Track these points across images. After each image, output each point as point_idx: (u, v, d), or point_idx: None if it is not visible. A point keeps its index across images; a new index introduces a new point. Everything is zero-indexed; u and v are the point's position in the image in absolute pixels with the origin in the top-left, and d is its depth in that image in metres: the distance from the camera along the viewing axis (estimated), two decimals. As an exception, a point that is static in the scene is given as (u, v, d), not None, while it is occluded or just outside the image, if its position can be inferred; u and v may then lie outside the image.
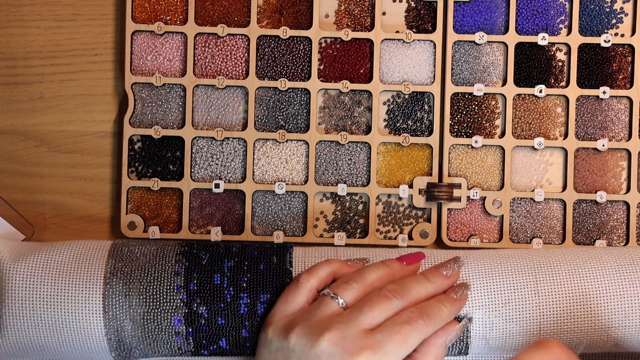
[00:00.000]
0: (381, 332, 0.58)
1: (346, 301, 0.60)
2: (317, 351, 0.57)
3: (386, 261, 0.64)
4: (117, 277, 0.63)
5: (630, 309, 0.63)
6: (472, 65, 0.74)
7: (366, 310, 0.59)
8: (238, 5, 0.74)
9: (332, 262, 0.64)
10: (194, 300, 0.62)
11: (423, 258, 0.65)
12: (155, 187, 0.73)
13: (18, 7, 0.74)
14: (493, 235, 0.74)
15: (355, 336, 0.57)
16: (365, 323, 0.58)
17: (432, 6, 0.74)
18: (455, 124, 0.74)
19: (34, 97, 0.74)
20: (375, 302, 0.59)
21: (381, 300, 0.60)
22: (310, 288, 0.62)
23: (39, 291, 0.62)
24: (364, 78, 0.74)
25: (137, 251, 0.65)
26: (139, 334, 0.62)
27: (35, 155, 0.74)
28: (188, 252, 0.65)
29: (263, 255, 0.65)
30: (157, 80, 0.73)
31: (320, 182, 0.73)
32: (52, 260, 0.63)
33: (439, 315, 0.60)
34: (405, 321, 0.59)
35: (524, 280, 0.63)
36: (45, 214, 0.74)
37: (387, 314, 0.59)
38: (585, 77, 0.74)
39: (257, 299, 0.62)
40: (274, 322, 0.60)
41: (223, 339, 0.63)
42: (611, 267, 0.64)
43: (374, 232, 0.73)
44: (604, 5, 0.74)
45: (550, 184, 0.74)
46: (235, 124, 0.74)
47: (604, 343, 0.64)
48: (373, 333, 0.58)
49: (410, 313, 0.59)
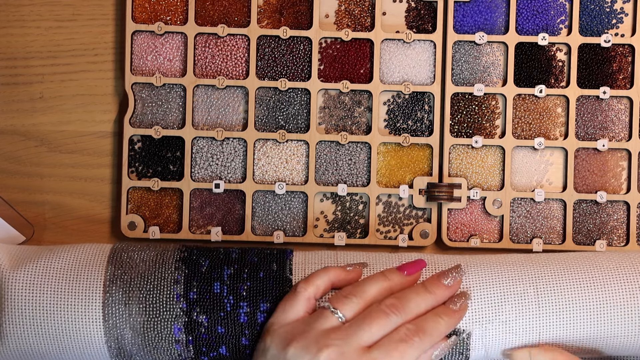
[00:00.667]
0: (379, 349, 0.58)
1: (346, 316, 0.60)
2: None
3: (386, 272, 0.63)
4: (116, 285, 0.62)
5: (631, 318, 0.63)
6: (472, 66, 0.74)
7: (365, 326, 0.59)
8: (238, 5, 0.74)
9: (330, 270, 0.63)
10: (194, 309, 0.62)
11: (424, 267, 0.65)
12: (156, 187, 0.73)
13: (18, 7, 0.74)
14: (493, 236, 0.73)
15: (353, 353, 0.57)
16: (363, 340, 0.58)
17: (432, 6, 0.74)
18: (456, 124, 0.74)
19: (34, 97, 0.74)
20: (374, 318, 0.59)
21: (379, 315, 0.59)
22: (309, 297, 0.62)
23: (39, 299, 0.62)
24: (364, 78, 0.74)
25: (137, 257, 0.64)
26: (139, 342, 0.62)
27: (35, 155, 0.74)
28: (187, 258, 0.64)
29: (263, 262, 0.64)
30: (157, 81, 0.73)
31: (321, 182, 0.73)
32: (52, 267, 0.63)
33: (436, 329, 0.60)
34: (402, 339, 0.59)
35: (524, 289, 0.63)
36: (45, 214, 0.74)
37: (385, 330, 0.59)
38: (586, 77, 0.74)
39: (257, 308, 0.62)
40: (272, 332, 0.60)
41: (223, 346, 0.63)
42: (612, 275, 0.64)
43: (374, 232, 0.73)
44: (604, 5, 0.74)
45: (551, 184, 0.74)
46: (236, 124, 0.74)
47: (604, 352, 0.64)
48: (371, 350, 0.58)
49: (407, 330, 0.59)
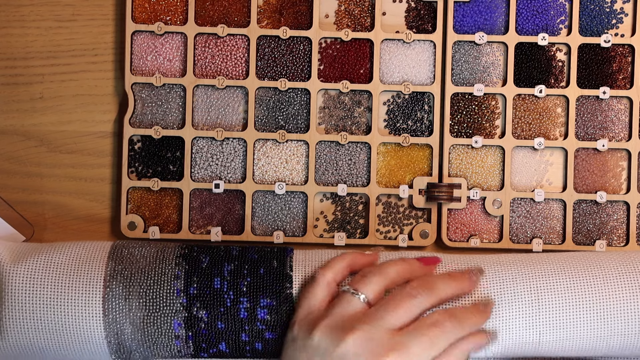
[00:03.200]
0: (408, 333, 0.57)
1: (367, 297, 0.59)
2: (343, 351, 0.56)
3: (404, 258, 0.63)
4: (117, 280, 0.62)
5: (631, 318, 0.62)
6: (472, 66, 0.74)
7: (390, 309, 0.58)
8: (238, 5, 0.74)
9: (347, 255, 0.63)
10: (194, 304, 0.62)
11: (439, 262, 0.64)
12: (155, 188, 0.73)
13: (18, 7, 0.74)
14: (493, 236, 0.73)
15: (381, 337, 0.56)
16: (390, 323, 0.57)
17: (432, 6, 0.74)
18: (455, 124, 0.74)
19: (34, 97, 0.74)
20: (400, 301, 0.58)
21: (406, 298, 0.59)
22: (328, 282, 0.61)
23: (39, 294, 0.62)
24: (364, 78, 0.74)
25: (137, 253, 0.65)
26: (138, 337, 0.62)
27: (35, 155, 0.74)
28: (188, 254, 0.64)
29: (263, 259, 0.64)
30: (157, 81, 0.73)
31: (320, 182, 0.73)
32: (52, 262, 0.63)
33: (467, 319, 0.59)
34: (433, 323, 0.58)
35: (523, 289, 0.63)
36: (45, 214, 0.74)
37: (413, 313, 0.58)
38: (585, 77, 0.74)
39: (257, 304, 0.62)
40: (298, 321, 0.60)
41: (223, 342, 0.63)
42: (612, 275, 0.64)
43: (374, 232, 0.73)
44: (604, 5, 0.74)
45: (550, 184, 0.74)
46: (235, 124, 0.74)
47: (604, 351, 0.64)
48: (400, 334, 0.57)
49: (439, 315, 0.58)
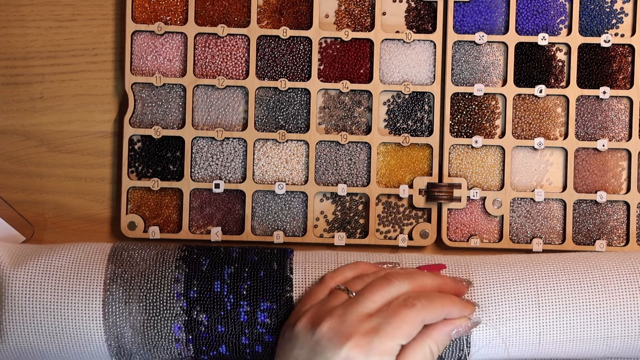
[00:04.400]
0: (378, 314, 0.57)
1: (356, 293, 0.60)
2: (317, 337, 0.57)
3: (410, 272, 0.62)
4: (117, 283, 0.62)
5: (631, 318, 0.62)
6: (472, 65, 0.74)
7: (367, 294, 0.58)
8: (238, 5, 0.74)
9: (360, 265, 0.63)
10: (194, 307, 0.62)
11: (444, 268, 0.64)
12: (156, 187, 0.73)
13: (18, 7, 0.74)
14: (493, 236, 0.73)
15: (353, 321, 0.57)
16: (366, 307, 0.58)
17: (432, 6, 0.74)
18: (456, 124, 0.74)
19: (34, 97, 0.74)
20: (375, 286, 0.59)
21: (382, 283, 0.59)
22: (332, 287, 0.61)
23: (39, 297, 0.62)
24: (364, 78, 0.74)
25: (137, 256, 0.64)
26: (139, 340, 0.62)
27: (35, 155, 0.74)
28: (188, 257, 0.64)
29: (263, 261, 0.64)
30: (157, 80, 0.73)
31: (321, 182, 0.73)
32: (52, 265, 0.63)
33: (440, 301, 0.59)
34: (402, 303, 0.58)
35: (523, 289, 0.63)
36: (45, 214, 0.74)
37: (387, 297, 0.59)
38: (585, 77, 0.74)
39: (257, 307, 0.62)
40: (292, 314, 0.61)
41: (223, 345, 0.63)
42: (612, 275, 0.64)
43: (374, 232, 0.73)
44: (604, 5, 0.74)
45: (551, 184, 0.74)
46: (235, 124, 0.74)
47: (604, 352, 0.64)
48: (372, 317, 0.57)
49: (407, 296, 0.58)
